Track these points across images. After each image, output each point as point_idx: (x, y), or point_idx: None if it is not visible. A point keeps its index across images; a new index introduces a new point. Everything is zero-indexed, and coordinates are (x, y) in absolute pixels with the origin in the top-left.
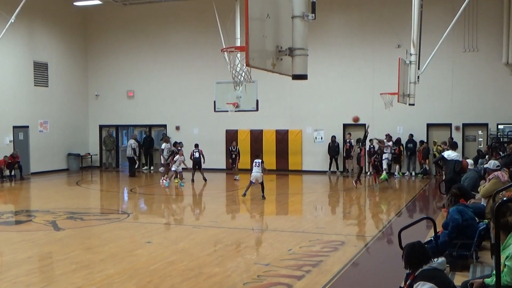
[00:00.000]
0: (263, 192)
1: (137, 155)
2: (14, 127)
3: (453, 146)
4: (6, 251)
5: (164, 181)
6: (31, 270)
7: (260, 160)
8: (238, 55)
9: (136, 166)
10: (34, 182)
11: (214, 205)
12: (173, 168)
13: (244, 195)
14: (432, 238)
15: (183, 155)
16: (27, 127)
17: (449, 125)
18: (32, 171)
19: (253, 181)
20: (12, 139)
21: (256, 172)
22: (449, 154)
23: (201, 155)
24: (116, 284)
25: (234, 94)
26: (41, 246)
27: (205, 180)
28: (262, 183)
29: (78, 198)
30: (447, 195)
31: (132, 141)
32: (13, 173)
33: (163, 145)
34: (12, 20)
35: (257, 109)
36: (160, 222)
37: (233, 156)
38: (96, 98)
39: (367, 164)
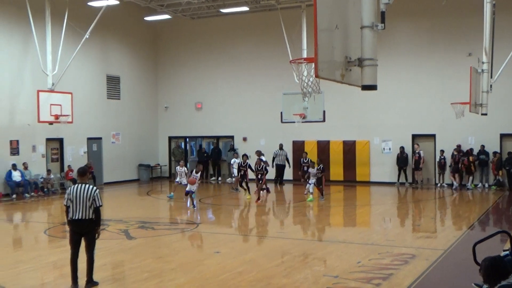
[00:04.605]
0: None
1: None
2: (88, 138)
3: None
4: (81, 258)
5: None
6: (105, 278)
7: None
8: (305, 66)
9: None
10: (107, 192)
11: (282, 215)
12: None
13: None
14: (508, 252)
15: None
16: (100, 138)
17: None
18: (104, 181)
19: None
20: (86, 150)
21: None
22: None
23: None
24: None
25: (301, 105)
26: (114, 254)
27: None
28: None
29: (149, 208)
30: None
31: (285, 151)
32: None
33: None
34: (86, 36)
35: (324, 120)
36: (228, 232)
37: (305, 168)
38: (165, 110)
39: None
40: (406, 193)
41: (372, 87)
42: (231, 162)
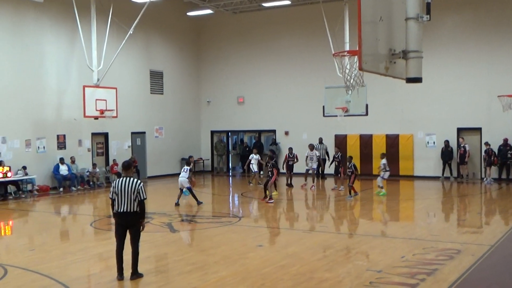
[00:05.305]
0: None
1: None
2: (132, 133)
3: None
4: (126, 251)
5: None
6: (149, 270)
7: (188, 167)
8: (348, 59)
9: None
10: (151, 185)
11: (324, 210)
12: None
13: (177, 204)
14: None
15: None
16: (144, 133)
17: None
18: (148, 175)
19: (179, 186)
20: (130, 144)
21: (181, 177)
22: None
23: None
24: (230, 285)
25: (344, 99)
26: (158, 247)
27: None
28: (190, 189)
29: (192, 202)
30: None
31: (325, 145)
32: None
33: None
34: (130, 31)
35: (366, 114)
36: (270, 226)
37: (336, 163)
38: (207, 105)
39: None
40: (451, 188)
41: (417, 80)
42: (250, 158)
